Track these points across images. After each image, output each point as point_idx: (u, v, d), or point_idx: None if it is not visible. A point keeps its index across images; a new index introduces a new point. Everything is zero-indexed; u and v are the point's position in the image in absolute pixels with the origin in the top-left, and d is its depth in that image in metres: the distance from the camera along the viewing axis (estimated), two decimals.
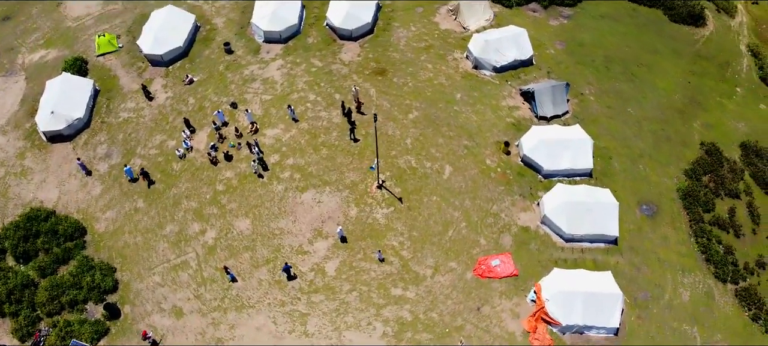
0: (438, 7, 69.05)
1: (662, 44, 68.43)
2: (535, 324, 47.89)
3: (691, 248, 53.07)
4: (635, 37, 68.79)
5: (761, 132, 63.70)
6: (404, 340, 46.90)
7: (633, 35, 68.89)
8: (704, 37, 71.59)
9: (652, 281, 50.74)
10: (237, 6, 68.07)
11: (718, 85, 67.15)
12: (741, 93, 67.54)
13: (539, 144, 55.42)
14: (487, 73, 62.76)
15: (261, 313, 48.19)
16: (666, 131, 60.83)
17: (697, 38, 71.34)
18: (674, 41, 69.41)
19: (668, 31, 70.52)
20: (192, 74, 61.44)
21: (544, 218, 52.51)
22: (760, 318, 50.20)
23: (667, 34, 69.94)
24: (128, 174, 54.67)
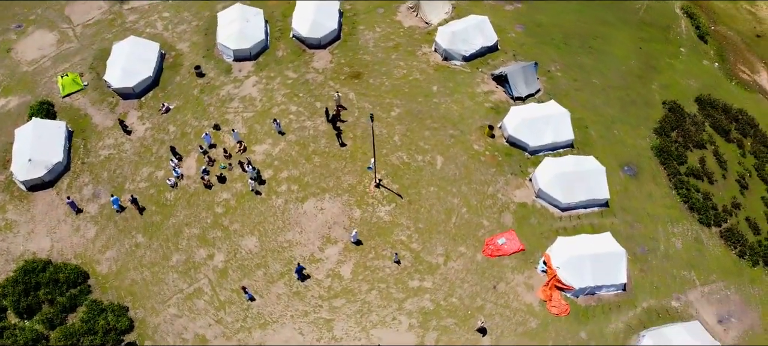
0: (397, 6, 70.52)
1: (611, 15, 72.55)
2: (550, 292, 50.03)
3: (674, 199, 56.66)
4: (586, 12, 72.61)
5: (710, 86, 68.60)
6: (430, 328, 48.02)
7: (584, 11, 72.69)
8: (645, 5, 76.25)
9: (647, 235, 53.92)
10: (198, 29, 67.29)
11: (665, 48, 71.74)
12: (685, 52, 72.42)
13: (522, 123, 57.73)
14: (457, 63, 64.73)
15: (286, 326, 48.17)
16: (630, 96, 64.58)
17: (638, 6, 75.99)
18: (621, 11, 73.70)
19: (614, 3, 74.70)
20: (167, 102, 60.38)
21: (539, 191, 54.81)
22: (746, 254, 54.24)
23: (614, 6, 74.10)
24: (115, 204, 53.47)
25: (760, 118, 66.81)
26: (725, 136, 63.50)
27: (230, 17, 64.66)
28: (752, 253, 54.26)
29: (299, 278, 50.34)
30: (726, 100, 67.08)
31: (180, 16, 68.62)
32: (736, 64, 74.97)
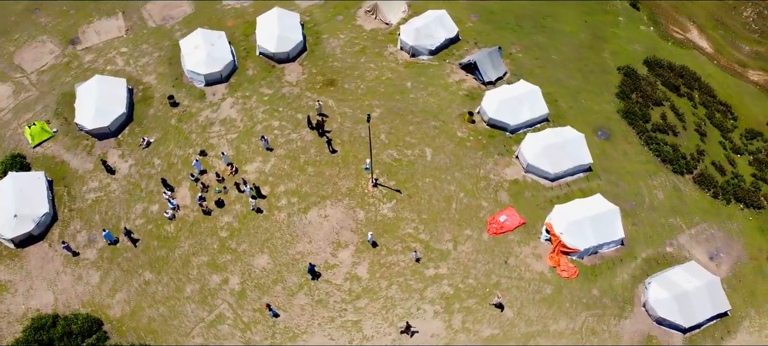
0: (355, 11, 71.75)
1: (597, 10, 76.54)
2: (557, 258, 52.65)
3: (647, 155, 60.68)
4: None
5: (651, 48, 73.57)
6: (455, 311, 49.60)
7: None
8: None
9: (631, 191, 57.56)
10: (161, 59, 66.12)
11: (605, 19, 76.32)
12: (623, 21, 77.28)
13: (500, 105, 60.24)
14: (425, 57, 66.66)
15: (315, 335, 48.48)
16: (588, 66, 68.50)
17: None
18: None
19: None
20: (147, 136, 59.18)
21: (528, 166, 57.42)
22: (718, 194, 58.83)
23: None
24: (108, 238, 52.35)
25: (700, 72, 72.31)
26: (676, 91, 68.43)
27: (194, 43, 64.01)
28: (724, 192, 58.92)
29: (312, 277, 51.02)
30: (668, 59, 72.22)
31: (139, 49, 67.20)
32: (668, 26, 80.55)
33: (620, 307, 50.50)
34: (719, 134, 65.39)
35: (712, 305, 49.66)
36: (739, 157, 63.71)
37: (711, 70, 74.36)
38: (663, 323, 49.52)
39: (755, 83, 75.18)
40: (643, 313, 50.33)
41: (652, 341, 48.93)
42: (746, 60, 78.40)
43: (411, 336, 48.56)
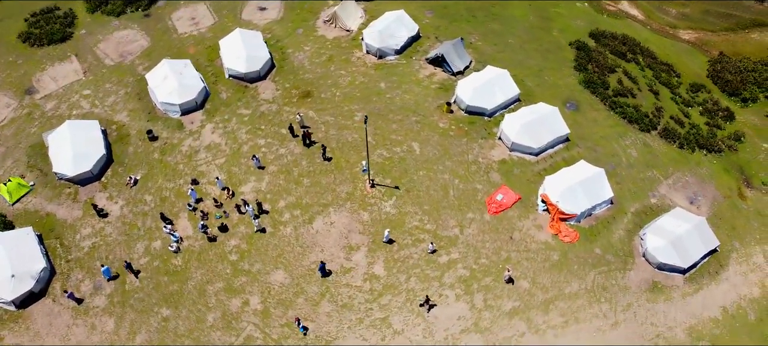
0: (313, 22, 72.59)
1: None
2: (557, 225, 55.43)
3: (614, 119, 64.72)
4: None
5: (592, 22, 78.50)
6: (474, 292, 51.35)
7: None
8: None
9: (608, 153, 61.27)
10: (129, 96, 64.57)
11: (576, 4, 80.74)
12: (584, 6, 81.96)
13: (474, 92, 62.65)
14: (391, 58, 68.35)
15: (347, 339, 49.00)
16: (542, 46, 72.23)
17: None
18: None
19: None
20: (132, 174, 57.80)
21: (513, 144, 60.06)
22: (683, 144, 63.53)
23: None
24: (106, 274, 51.24)
25: (639, 38, 77.78)
26: (624, 58, 73.27)
27: (161, 74, 62.99)
28: (687, 142, 63.71)
29: (323, 275, 51.80)
30: (609, 29, 77.20)
31: (102, 89, 65.38)
32: (601, 0, 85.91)
33: (623, 261, 53.79)
34: (669, 92, 70.53)
35: (704, 243, 53.74)
36: (690, 109, 68.95)
37: (647, 35, 79.99)
38: (664, 268, 53.13)
39: (687, 42, 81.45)
40: (644, 262, 53.81)
41: (656, 286, 52.40)
42: (675, 22, 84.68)
43: (429, 310, 50.06)
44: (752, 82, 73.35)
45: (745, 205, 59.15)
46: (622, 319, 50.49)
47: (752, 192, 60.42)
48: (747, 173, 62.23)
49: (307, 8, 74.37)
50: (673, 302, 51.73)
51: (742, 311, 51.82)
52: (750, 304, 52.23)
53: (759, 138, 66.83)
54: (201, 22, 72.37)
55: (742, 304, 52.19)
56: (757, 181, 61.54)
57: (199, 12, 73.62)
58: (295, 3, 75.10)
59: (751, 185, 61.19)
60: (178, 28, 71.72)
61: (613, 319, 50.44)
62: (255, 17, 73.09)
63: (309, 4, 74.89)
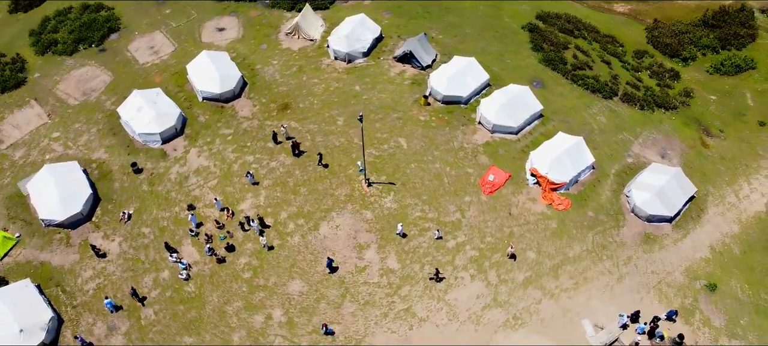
0: (275, 36, 72.86)
1: None
2: (550, 195, 58.27)
3: (579, 91, 68.53)
4: None
5: (536, 5, 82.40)
6: (487, 269, 53.30)
7: None
8: None
9: (580, 123, 64.84)
10: (103, 132, 62.73)
11: None
12: None
13: (448, 83, 64.82)
14: (360, 60, 69.63)
15: (376, 335, 49.80)
16: (498, 32, 75.47)
17: None
18: None
19: None
20: (124, 209, 56.39)
21: (494, 126, 62.58)
22: (643, 106, 68.02)
23: None
24: (110, 306, 50.20)
25: (580, 15, 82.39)
26: (571, 34, 77.58)
27: (135, 106, 61.67)
28: (646, 103, 68.23)
29: (331, 271, 52.73)
30: (553, 11, 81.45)
31: (72, 129, 63.29)
32: None
33: (615, 219, 57.18)
34: (618, 61, 75.16)
35: (683, 191, 57.91)
36: (640, 74, 73.78)
37: (586, 12, 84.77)
38: (652, 219, 56.86)
39: (623, 13, 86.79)
40: (634, 217, 57.38)
41: (649, 237, 56.03)
42: None
43: (439, 282, 52.02)
44: (688, 43, 79.19)
45: (709, 152, 64.02)
46: (626, 272, 53.72)
47: (712, 140, 65.47)
48: (703, 123, 67.31)
49: (266, 23, 74.59)
50: (667, 249, 55.47)
51: (727, 247, 56.18)
52: (733, 240, 56.69)
53: (706, 91, 72.33)
54: (161, 50, 71.19)
55: (726, 241, 56.58)
56: (714, 129, 66.72)
57: (157, 40, 72.41)
58: (253, 19, 75.13)
59: (709, 133, 66.27)
60: (139, 58, 70.30)
61: (617, 273, 53.58)
62: (215, 39, 72.61)
63: (267, 19, 75.12)
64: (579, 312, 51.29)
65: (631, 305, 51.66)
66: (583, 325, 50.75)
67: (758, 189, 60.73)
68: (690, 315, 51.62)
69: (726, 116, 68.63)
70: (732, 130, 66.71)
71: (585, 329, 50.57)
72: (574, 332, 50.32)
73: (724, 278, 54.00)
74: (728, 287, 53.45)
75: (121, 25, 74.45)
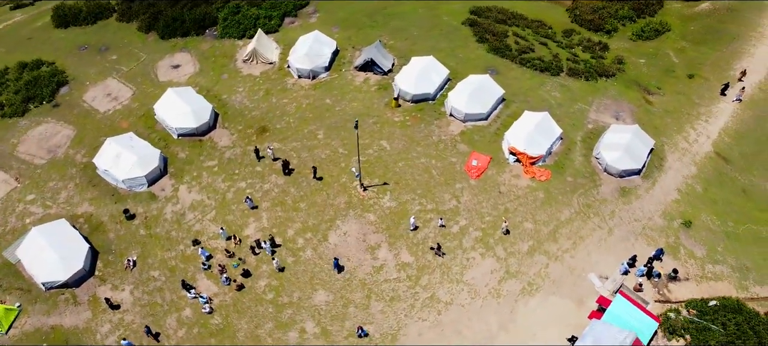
0: (233, 65, 73.30)
1: None
2: (531, 169, 62.67)
3: (529, 72, 73.81)
4: None
5: (465, 3, 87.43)
6: (494, 246, 56.65)
7: None
8: None
9: (539, 100, 69.93)
10: (82, 185, 60.79)
11: None
12: None
13: (415, 82, 68.06)
14: (324, 75, 71.56)
15: (409, 326, 51.84)
16: (442, 30, 79.74)
17: None
18: None
19: None
20: (128, 257, 55.29)
21: (465, 116, 66.37)
22: (588, 77, 74.24)
23: None
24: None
25: (507, 5, 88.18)
26: (506, 23, 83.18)
27: (112, 154, 60.45)
28: (589, 74, 74.51)
29: (338, 271, 54.60)
30: (482, 5, 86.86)
31: (47, 188, 61.04)
32: None
33: (591, 180, 62.32)
34: (551, 41, 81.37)
35: (644, 145, 64.00)
36: (574, 50, 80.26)
37: (511, 2, 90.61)
38: (624, 174, 62.40)
39: None
40: (607, 175, 62.73)
41: (625, 191, 61.53)
42: None
43: (442, 256, 55.37)
44: (608, 16, 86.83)
45: (654, 108, 70.90)
46: (613, 224, 58.79)
47: (653, 97, 72.52)
48: (642, 84, 74.33)
49: (220, 54, 74.92)
50: (642, 198, 61.15)
51: (690, 187, 62.68)
52: (694, 180, 63.29)
53: (634, 56, 79.70)
54: (119, 95, 69.86)
55: (688, 182, 63.07)
56: (652, 87, 73.90)
57: (112, 87, 70.97)
58: (205, 52, 75.19)
59: (649, 92, 73.33)
60: (98, 107, 68.66)
61: (606, 227, 58.55)
62: (173, 76, 72.12)
63: (220, 50, 75.42)
64: (584, 268, 55.67)
65: (626, 252, 56.66)
66: (590, 278, 55.17)
67: (703, 132, 68.06)
68: (676, 251, 57.28)
69: (658, 75, 76.10)
70: (667, 86, 74.17)
71: (592, 282, 55.00)
72: (583, 287, 54.56)
73: (695, 214, 60.26)
74: (700, 221, 59.70)
75: (68, 78, 72.28)
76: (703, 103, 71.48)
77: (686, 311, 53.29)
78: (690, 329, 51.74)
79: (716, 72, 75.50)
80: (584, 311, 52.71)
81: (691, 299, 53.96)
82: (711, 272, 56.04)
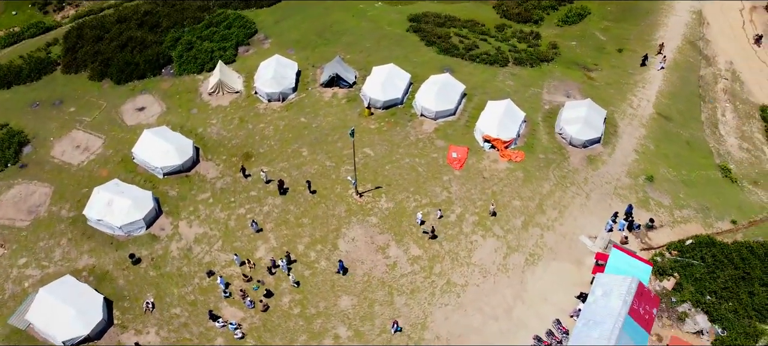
0: (199, 100, 73.63)
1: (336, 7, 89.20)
2: (507, 153, 67.63)
3: (482, 67, 79.25)
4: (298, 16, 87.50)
5: (399, 11, 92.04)
6: (490, 226, 60.91)
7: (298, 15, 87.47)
8: None
9: (496, 90, 75.27)
10: (74, 240, 59.35)
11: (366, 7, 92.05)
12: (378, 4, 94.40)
13: (383, 90, 71.37)
14: (292, 96, 73.54)
15: (435, 313, 54.97)
16: (391, 39, 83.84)
17: None
18: None
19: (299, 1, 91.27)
20: (144, 300, 54.97)
21: (436, 113, 70.51)
22: (532, 65, 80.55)
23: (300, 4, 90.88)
24: None
25: (438, 10, 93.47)
26: (444, 26, 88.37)
27: (103, 202, 59.61)
28: (532, 62, 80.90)
29: (343, 273, 57.22)
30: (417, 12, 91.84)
31: (39, 248, 59.25)
32: None
33: (560, 154, 68.10)
34: (489, 37, 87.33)
35: (599, 115, 70.50)
36: (511, 42, 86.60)
37: (440, 7, 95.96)
38: (587, 144, 68.57)
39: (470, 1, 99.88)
40: (572, 148, 68.71)
41: (591, 159, 67.67)
42: None
43: (436, 239, 59.32)
44: (533, 8, 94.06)
45: (597, 82, 78.15)
46: (589, 190, 64.70)
47: (593, 73, 79.82)
48: (580, 63, 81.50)
49: (183, 90, 75.04)
50: (607, 163, 67.54)
51: (644, 146, 69.85)
52: (645, 139, 70.56)
53: (565, 40, 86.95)
54: (89, 146, 68.54)
55: (641, 142, 70.24)
56: (590, 65, 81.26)
57: (79, 138, 69.50)
58: (167, 91, 75.02)
59: (588, 69, 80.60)
60: (70, 160, 67.09)
61: (584, 193, 64.35)
62: (141, 119, 71.58)
63: (181, 86, 75.54)
64: (574, 232, 61.03)
65: (605, 211, 62.60)
66: (582, 240, 60.59)
67: (643, 97, 75.84)
68: (647, 204, 63.88)
69: (592, 53, 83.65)
70: (602, 61, 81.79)
71: (584, 242, 60.41)
72: (577, 249, 59.86)
73: (654, 169, 67.28)
74: (660, 175, 66.77)
75: (28, 137, 70.04)
76: (637, 73, 79.50)
77: (669, 253, 59.81)
78: (676, 267, 58.25)
79: (641, 44, 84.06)
80: (584, 270, 57.97)
81: (670, 242, 60.63)
82: (680, 216, 63.01)
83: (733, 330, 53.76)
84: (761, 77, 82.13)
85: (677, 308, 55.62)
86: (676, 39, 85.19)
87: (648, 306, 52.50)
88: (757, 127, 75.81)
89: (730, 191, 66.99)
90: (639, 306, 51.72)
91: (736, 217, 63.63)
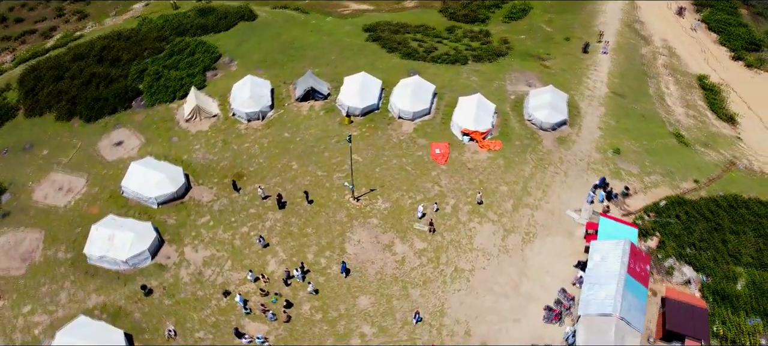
0: (178, 127, 73.52)
1: (290, 25, 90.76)
2: (486, 143, 71.53)
3: (444, 67, 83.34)
4: (264, 35, 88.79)
5: (353, 23, 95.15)
6: (484, 213, 64.39)
7: (263, 35, 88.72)
8: None
9: (463, 87, 79.37)
10: (78, 280, 58.18)
11: (319, 21, 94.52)
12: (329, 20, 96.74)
13: (360, 97, 73.94)
14: (271, 114, 74.79)
15: (449, 298, 57.65)
16: (354, 50, 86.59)
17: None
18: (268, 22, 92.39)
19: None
20: (166, 329, 54.92)
21: (414, 114, 73.65)
22: (491, 60, 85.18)
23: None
24: None
25: (388, 19, 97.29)
26: (399, 33, 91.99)
27: (104, 238, 58.99)
28: (489, 58, 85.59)
29: (346, 275, 59.36)
30: (375, 21, 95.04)
31: (41, 293, 57.76)
32: (336, 9, 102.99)
33: (534, 139, 72.65)
34: (443, 39, 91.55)
35: (562, 99, 75.70)
36: (465, 41, 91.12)
37: (389, 16, 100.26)
38: (555, 127, 73.60)
39: (415, 7, 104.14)
40: (542, 132, 73.44)
41: (562, 140, 72.58)
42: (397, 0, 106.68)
43: (433, 232, 62.34)
44: (479, 8, 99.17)
45: (552, 70, 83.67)
46: (566, 168, 69.45)
47: (547, 62, 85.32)
48: (534, 54, 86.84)
49: (159, 119, 74.75)
50: (576, 142, 72.66)
51: (607, 123, 75.55)
52: (606, 116, 76.37)
53: (514, 34, 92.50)
54: (73, 186, 67.27)
55: (603, 119, 75.99)
56: (543, 55, 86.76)
57: (60, 180, 68.09)
58: (142, 123, 74.51)
59: (542, 59, 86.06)
60: (56, 203, 65.66)
61: (562, 171, 69.05)
62: (121, 153, 70.76)
63: (156, 116, 75.22)
64: (560, 208, 65.41)
65: (584, 186, 67.46)
66: (568, 214, 65.04)
67: (597, 79, 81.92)
68: (618, 175, 69.23)
69: (542, 44, 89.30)
70: (553, 51, 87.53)
71: (571, 216, 64.87)
72: (566, 222, 64.21)
73: (619, 142, 72.91)
74: (625, 147, 72.47)
75: (4, 185, 68.00)
76: (587, 58, 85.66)
77: (647, 216, 65.15)
78: (656, 227, 63.57)
79: (585, 31, 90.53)
80: (575, 241, 62.38)
81: (646, 205, 66.01)
82: (649, 182, 68.69)
83: (715, 276, 59.30)
84: (693, 50, 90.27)
85: (664, 263, 60.68)
86: (615, 23, 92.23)
87: (642, 264, 57.34)
88: (698, 96, 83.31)
89: (686, 154, 73.43)
90: (635, 265, 56.46)
91: (697, 176, 69.94)
